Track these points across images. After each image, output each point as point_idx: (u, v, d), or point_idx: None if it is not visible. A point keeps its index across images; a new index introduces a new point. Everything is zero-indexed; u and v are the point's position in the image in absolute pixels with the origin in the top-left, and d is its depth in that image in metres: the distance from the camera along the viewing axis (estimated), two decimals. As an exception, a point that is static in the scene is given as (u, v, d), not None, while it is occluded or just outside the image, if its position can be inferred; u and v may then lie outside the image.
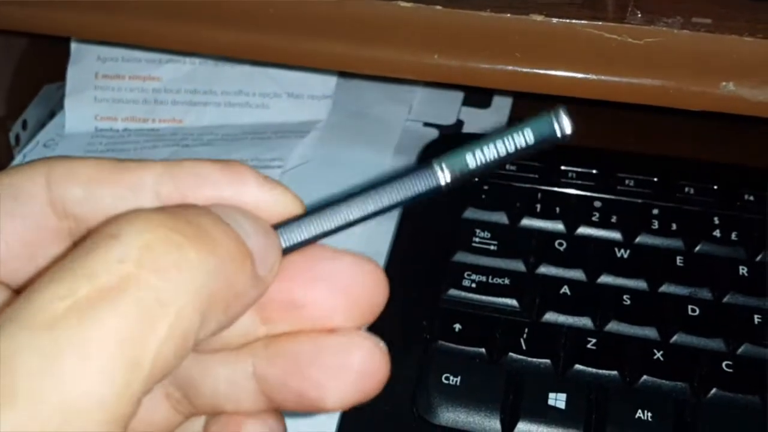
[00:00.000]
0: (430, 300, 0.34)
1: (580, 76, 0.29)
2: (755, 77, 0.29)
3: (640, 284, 0.35)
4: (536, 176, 0.38)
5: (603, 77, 0.29)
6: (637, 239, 0.36)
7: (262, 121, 0.44)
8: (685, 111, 0.31)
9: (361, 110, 0.45)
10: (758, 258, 0.35)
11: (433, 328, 0.33)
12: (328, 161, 0.42)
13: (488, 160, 0.19)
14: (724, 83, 0.29)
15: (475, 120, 0.45)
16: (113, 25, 0.32)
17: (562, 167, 0.39)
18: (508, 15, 0.30)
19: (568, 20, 0.29)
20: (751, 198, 0.38)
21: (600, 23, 0.29)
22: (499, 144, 0.18)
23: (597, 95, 0.30)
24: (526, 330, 0.33)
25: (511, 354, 0.32)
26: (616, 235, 0.36)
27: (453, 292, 0.34)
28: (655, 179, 0.38)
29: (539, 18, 0.29)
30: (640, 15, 0.30)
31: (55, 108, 0.45)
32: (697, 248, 0.36)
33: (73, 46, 0.44)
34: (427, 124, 0.45)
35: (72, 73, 0.44)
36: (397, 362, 0.32)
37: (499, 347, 0.32)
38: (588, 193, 0.38)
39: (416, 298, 0.35)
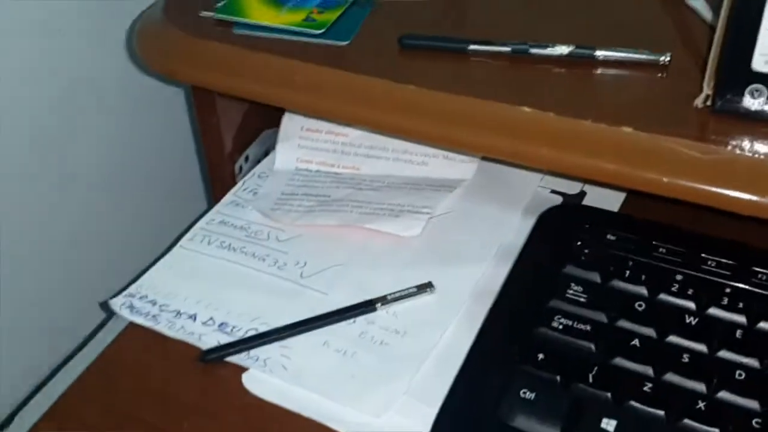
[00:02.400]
0: (524, 334, 0.44)
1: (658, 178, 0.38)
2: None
3: (701, 347, 0.42)
4: (631, 246, 0.47)
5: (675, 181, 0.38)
6: (708, 311, 0.44)
7: (421, 175, 0.56)
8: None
9: (501, 174, 0.55)
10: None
11: (522, 354, 0.43)
12: (467, 214, 0.53)
13: None
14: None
15: (596, 192, 0.54)
16: (317, 105, 0.45)
17: (654, 242, 0.47)
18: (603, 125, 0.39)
19: (651, 134, 0.39)
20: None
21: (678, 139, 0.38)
22: None
23: (668, 194, 0.38)
24: (596, 368, 0.42)
25: (579, 384, 0.41)
26: (690, 304, 0.44)
27: (543, 329, 0.44)
28: (732, 262, 0.45)
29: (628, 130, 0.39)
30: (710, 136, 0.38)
31: (270, 148, 0.59)
32: (759, 326, 0.43)
33: (288, 104, 0.58)
34: (554, 191, 0.54)
35: (285, 124, 0.58)
36: (491, 376, 0.42)
37: (571, 377, 0.41)
38: (672, 267, 0.46)
39: (514, 331, 0.44)
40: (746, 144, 0.38)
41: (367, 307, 0.47)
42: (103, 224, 0.66)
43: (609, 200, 0.53)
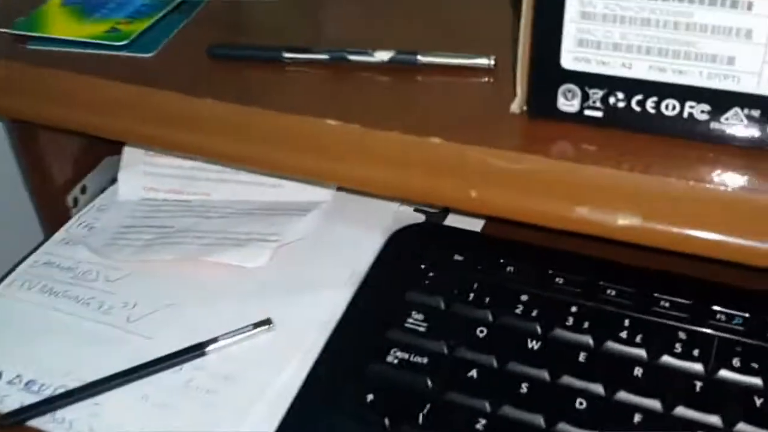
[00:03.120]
0: (358, 370, 0.40)
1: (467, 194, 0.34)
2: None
3: (543, 374, 0.38)
4: (479, 267, 0.43)
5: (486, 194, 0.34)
6: (553, 332, 0.40)
7: (276, 199, 0.52)
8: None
9: (362, 194, 0.51)
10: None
11: (354, 395, 0.39)
12: (322, 239, 0.49)
13: None
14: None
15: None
16: (159, 137, 0.40)
17: (502, 261, 0.43)
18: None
19: (459, 144, 0.35)
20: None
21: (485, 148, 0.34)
22: None
23: (479, 210, 0.34)
24: (428, 405, 0.38)
25: (406, 426, 0.37)
26: (534, 326, 0.40)
27: (376, 366, 0.40)
28: (582, 278, 0.42)
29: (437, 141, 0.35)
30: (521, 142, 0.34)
31: (114, 177, 0.55)
32: (605, 347, 0.39)
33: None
34: (418, 209, 0.50)
35: (127, 149, 0.54)
36: (315, 422, 0.38)
37: (399, 419, 0.37)
38: (521, 287, 0.42)
39: (348, 368, 0.40)
40: (560, 151, 0.34)
41: (195, 351, 0.43)
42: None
43: (473, 218, 0.49)
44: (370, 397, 0.39)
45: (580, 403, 0.37)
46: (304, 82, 0.41)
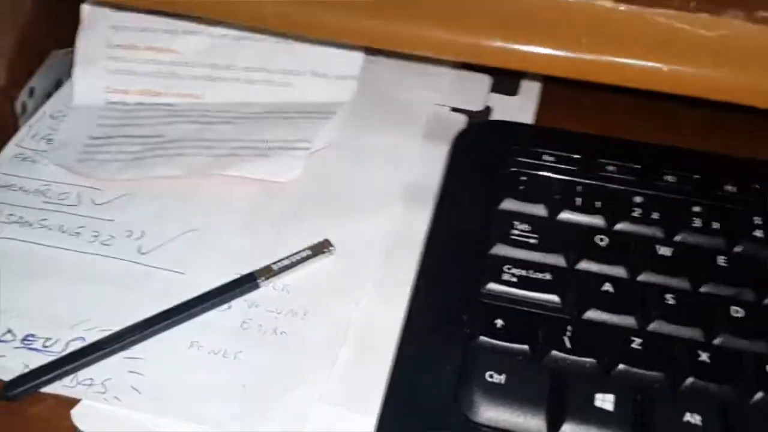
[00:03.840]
0: (470, 294, 0.33)
1: (649, 64, 0.28)
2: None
3: (683, 284, 0.34)
4: (575, 168, 0.37)
5: (674, 67, 0.28)
6: (679, 236, 0.35)
7: (285, 99, 0.42)
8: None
9: (386, 94, 0.43)
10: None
11: (474, 323, 0.32)
12: (354, 146, 0.40)
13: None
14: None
15: (502, 106, 0.43)
16: None
17: (602, 160, 0.37)
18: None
19: (636, 6, 0.28)
20: None
21: (671, 11, 0.28)
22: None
23: (664, 87, 0.28)
24: (569, 328, 0.32)
25: (555, 352, 0.31)
26: (657, 232, 0.35)
27: (492, 286, 0.33)
28: (697, 176, 0.37)
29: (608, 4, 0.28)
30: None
31: (63, 76, 0.42)
32: (739, 248, 0.35)
33: (85, 9, 0.41)
34: (455, 109, 0.43)
35: (82, 41, 0.41)
36: (439, 358, 0.31)
37: (543, 345, 0.31)
38: (629, 188, 0.37)
39: (455, 293, 0.33)
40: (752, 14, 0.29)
41: (246, 283, 0.33)
42: None
43: (519, 113, 0.43)
44: (499, 323, 0.32)
45: (736, 312, 0.32)
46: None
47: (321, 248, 0.35)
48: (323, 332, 0.32)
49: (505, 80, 0.44)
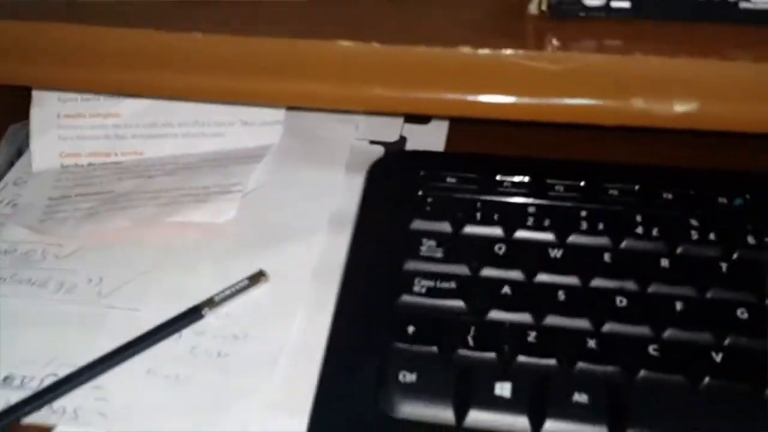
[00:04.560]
0: (385, 307, 0.38)
1: (507, 100, 0.33)
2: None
3: (573, 280, 0.38)
4: (475, 187, 0.42)
5: (526, 100, 0.33)
6: (569, 239, 0.40)
7: (219, 148, 0.47)
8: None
9: (309, 132, 0.48)
10: (678, 251, 0.39)
11: (389, 332, 0.37)
12: (284, 184, 0.45)
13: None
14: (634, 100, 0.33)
15: (416, 135, 0.48)
16: (68, 76, 0.34)
17: (498, 177, 0.42)
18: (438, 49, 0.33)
19: (492, 50, 0.33)
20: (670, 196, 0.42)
21: (521, 52, 0.33)
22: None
23: (521, 116, 0.33)
24: (473, 328, 0.36)
25: (461, 350, 0.36)
26: (549, 237, 0.40)
27: (405, 298, 0.38)
28: (582, 183, 0.42)
29: (467, 50, 0.33)
30: (556, 43, 0.33)
31: (23, 147, 0.47)
32: (623, 245, 0.40)
33: (34, 90, 0.46)
34: (373, 142, 0.48)
35: (35, 115, 0.46)
36: (359, 365, 0.36)
37: (450, 345, 0.36)
38: (523, 200, 0.42)
39: (373, 306, 0.38)
40: (596, 44, 0.34)
41: (192, 314, 0.38)
42: None
43: (431, 139, 0.48)
44: (411, 329, 0.36)
45: (620, 301, 0.37)
46: (290, 9, 0.37)
47: (257, 278, 0.40)
48: (262, 350, 0.37)
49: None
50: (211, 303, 0.39)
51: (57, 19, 0.34)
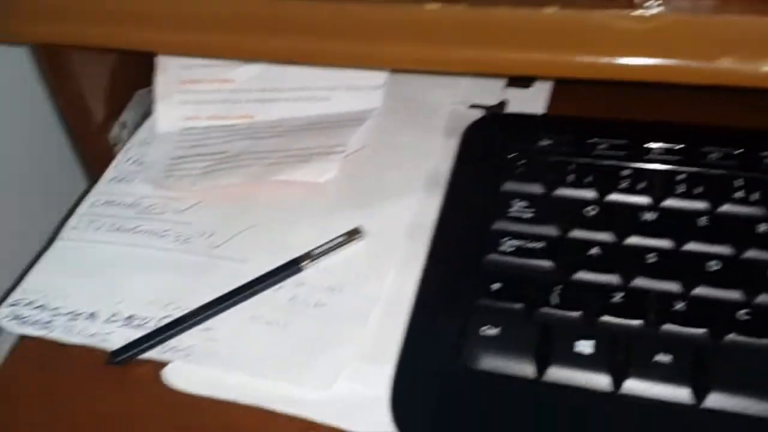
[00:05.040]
0: (473, 265, 0.39)
1: (592, 60, 0.33)
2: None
3: (665, 243, 0.38)
4: (569, 149, 0.42)
5: (611, 59, 0.33)
6: (665, 203, 0.40)
7: (325, 112, 0.49)
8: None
9: (411, 97, 0.50)
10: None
11: (475, 288, 0.38)
12: (384, 146, 0.47)
13: None
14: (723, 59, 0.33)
15: (517, 99, 0.49)
16: (189, 42, 0.37)
17: (593, 140, 0.42)
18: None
19: (578, 10, 0.33)
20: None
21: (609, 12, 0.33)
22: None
23: (605, 76, 0.33)
24: (559, 287, 0.37)
25: (545, 308, 0.37)
26: (644, 200, 0.40)
27: (493, 256, 0.39)
28: (681, 146, 0.41)
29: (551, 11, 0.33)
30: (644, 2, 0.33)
31: (149, 110, 0.52)
32: (721, 209, 0.39)
33: (158, 57, 0.50)
34: (473, 106, 0.49)
35: (159, 81, 0.50)
36: (444, 319, 0.37)
37: (534, 302, 0.37)
38: (617, 162, 0.42)
39: (460, 264, 0.39)
40: (685, 4, 0.33)
41: (292, 267, 0.41)
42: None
43: (533, 103, 0.48)
44: (496, 286, 0.38)
45: (714, 265, 0.37)
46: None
47: (353, 234, 0.42)
48: (356, 304, 0.39)
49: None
50: (310, 256, 0.41)
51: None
